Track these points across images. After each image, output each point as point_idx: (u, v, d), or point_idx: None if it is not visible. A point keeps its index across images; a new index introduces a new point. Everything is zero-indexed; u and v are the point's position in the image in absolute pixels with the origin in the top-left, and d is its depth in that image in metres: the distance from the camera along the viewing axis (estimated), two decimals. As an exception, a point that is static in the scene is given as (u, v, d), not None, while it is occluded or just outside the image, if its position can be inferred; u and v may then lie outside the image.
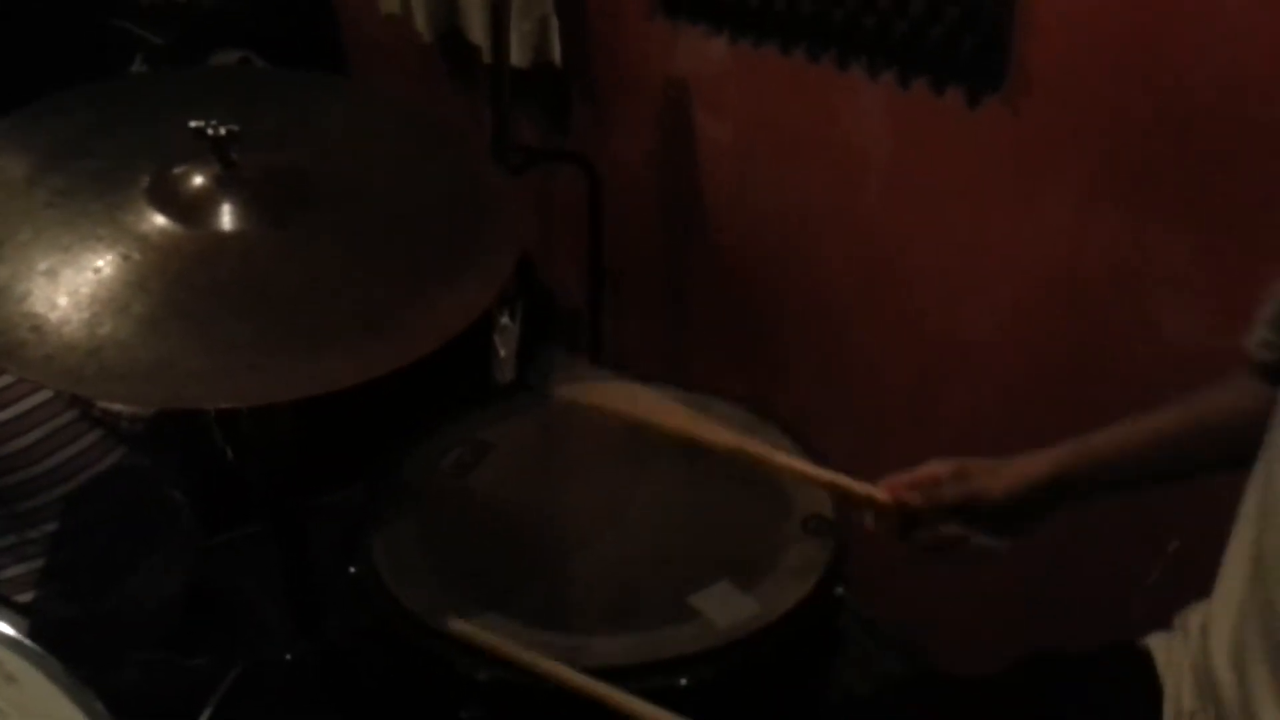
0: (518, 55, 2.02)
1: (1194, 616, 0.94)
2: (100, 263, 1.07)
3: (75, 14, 2.79)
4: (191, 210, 1.13)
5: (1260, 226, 1.20)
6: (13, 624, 1.49)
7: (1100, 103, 1.32)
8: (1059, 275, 1.43)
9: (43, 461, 1.47)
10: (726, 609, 1.08)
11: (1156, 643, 0.97)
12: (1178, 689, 0.90)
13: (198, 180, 1.14)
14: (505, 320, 1.99)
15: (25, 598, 1.52)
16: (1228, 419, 0.96)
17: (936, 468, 1.03)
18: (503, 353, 2.05)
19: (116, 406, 1.49)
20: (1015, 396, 1.54)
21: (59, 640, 1.51)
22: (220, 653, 1.31)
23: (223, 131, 1.12)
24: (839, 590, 1.12)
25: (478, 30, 2.17)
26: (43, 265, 1.06)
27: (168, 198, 1.13)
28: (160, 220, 1.11)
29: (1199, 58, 1.21)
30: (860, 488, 1.07)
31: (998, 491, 1.00)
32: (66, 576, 1.53)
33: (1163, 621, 0.97)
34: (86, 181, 1.15)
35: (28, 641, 0.79)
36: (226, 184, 1.14)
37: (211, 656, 1.31)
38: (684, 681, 1.00)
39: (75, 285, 1.04)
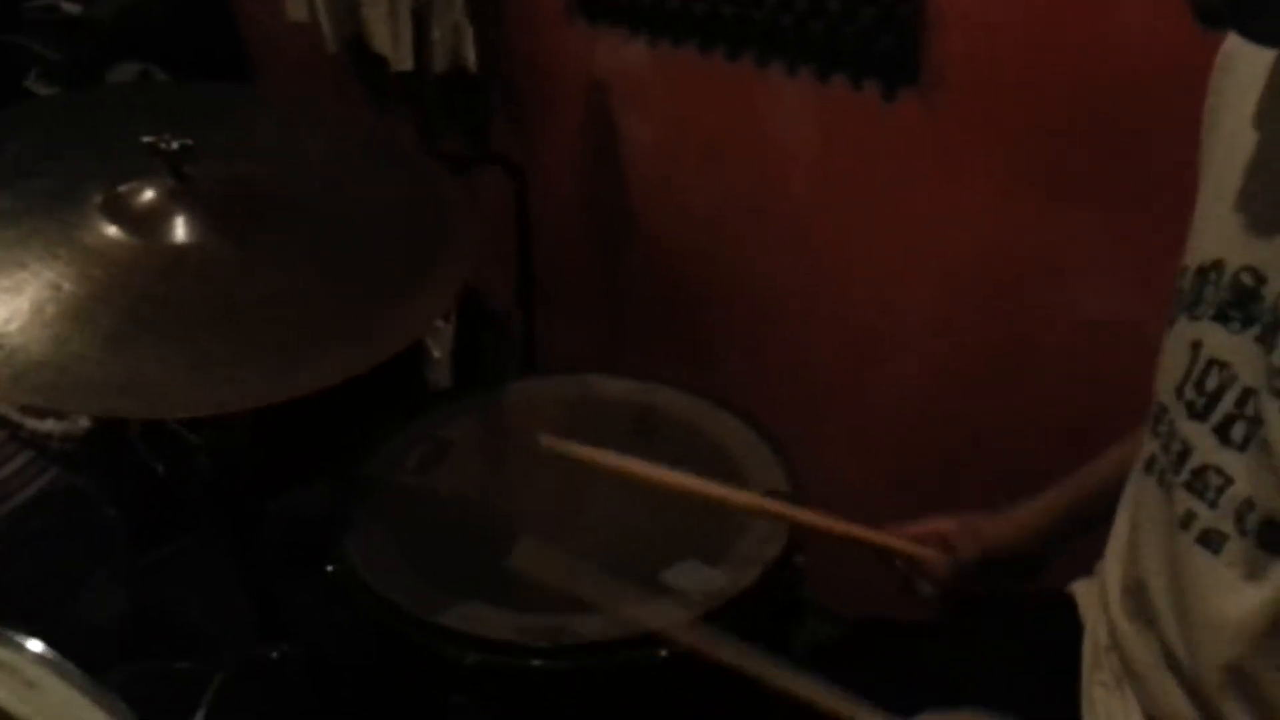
0: (435, 62, 2.04)
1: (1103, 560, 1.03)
2: (61, 279, 1.07)
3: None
4: (147, 224, 1.13)
5: (1168, 205, 1.29)
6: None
7: (1011, 93, 1.41)
8: (981, 260, 1.52)
9: None
10: (696, 582, 1.13)
11: (1080, 587, 1.05)
12: (1095, 628, 0.98)
13: (150, 194, 1.15)
14: (439, 323, 2.01)
15: (-35, 628, 1.49)
16: None
17: (942, 524, 1.10)
18: (436, 354, 2.07)
19: (47, 427, 1.47)
20: (945, 379, 1.63)
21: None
22: (205, 655, 1.31)
23: (175, 146, 1.13)
24: (799, 559, 1.19)
25: (382, 39, 2.18)
26: (3, 284, 1.06)
27: (122, 213, 1.14)
28: (117, 235, 1.12)
29: (1102, 47, 1.31)
30: (865, 534, 1.11)
31: (1010, 540, 1.08)
32: (6, 601, 1.50)
33: (1088, 569, 1.06)
34: (38, 200, 1.15)
35: (44, 648, 0.79)
36: (180, 197, 1.15)
37: (196, 660, 1.31)
38: (664, 653, 1.05)
39: (38, 303, 1.04)
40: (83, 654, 1.54)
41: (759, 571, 1.14)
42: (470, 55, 2.09)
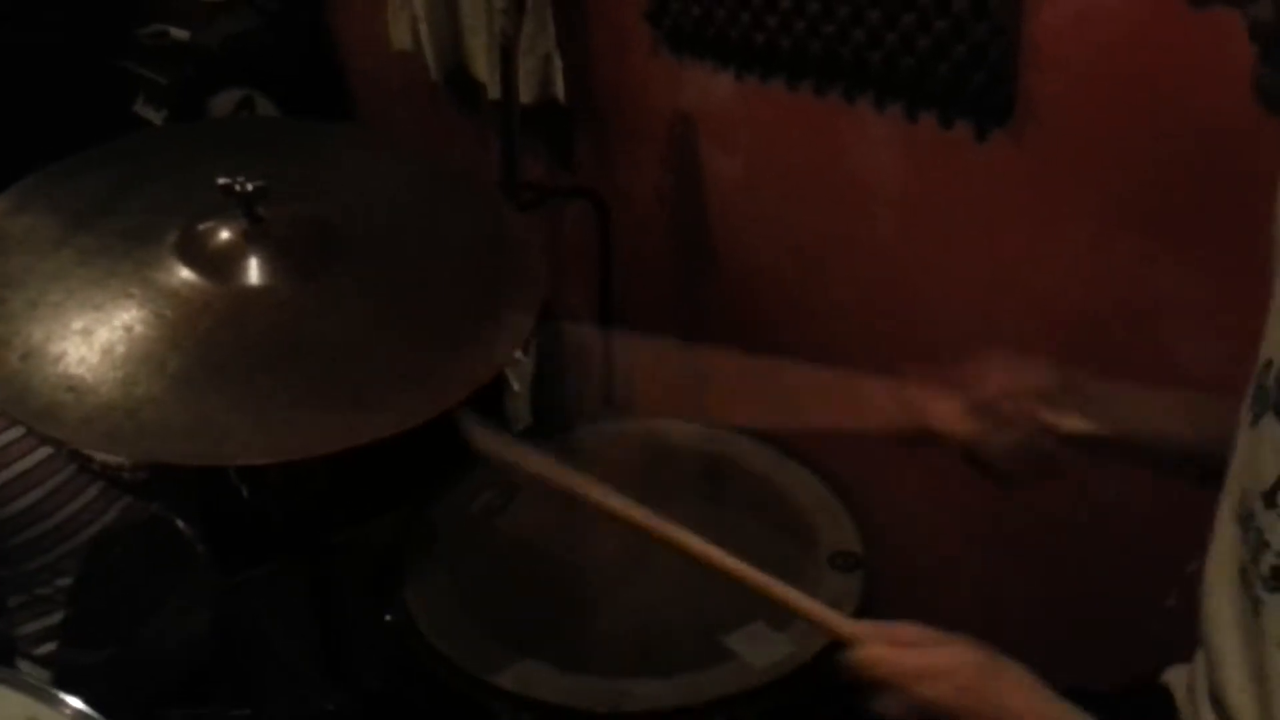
0: (523, 92, 2.04)
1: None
2: (133, 321, 1.08)
3: (78, 54, 2.82)
4: (219, 266, 1.14)
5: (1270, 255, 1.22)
6: (34, 676, 1.51)
7: (1108, 135, 1.35)
8: (1072, 309, 1.45)
9: (46, 520, 1.47)
10: (761, 648, 1.09)
11: (1174, 678, 0.98)
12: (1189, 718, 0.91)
13: (225, 235, 1.16)
14: (519, 355, 2.00)
15: (43, 651, 1.53)
16: None
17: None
18: (516, 387, 2.07)
19: (116, 460, 1.49)
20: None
21: (85, 690, 1.52)
22: (261, 702, 1.31)
23: (249, 187, 1.14)
24: (871, 627, 1.13)
25: (482, 68, 2.19)
26: (77, 325, 1.07)
27: (196, 254, 1.15)
28: (189, 276, 1.13)
29: (1201, 88, 1.24)
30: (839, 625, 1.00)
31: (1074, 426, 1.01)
32: (85, 626, 1.53)
33: (1186, 654, 0.99)
34: (115, 240, 1.17)
35: (86, 708, 0.79)
36: (253, 239, 1.15)
37: (254, 707, 1.32)
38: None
39: (110, 344, 1.06)
40: (157, 677, 1.57)
41: (827, 640, 1.09)
42: (559, 86, 2.08)
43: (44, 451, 1.45)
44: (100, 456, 1.45)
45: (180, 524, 1.64)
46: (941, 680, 0.86)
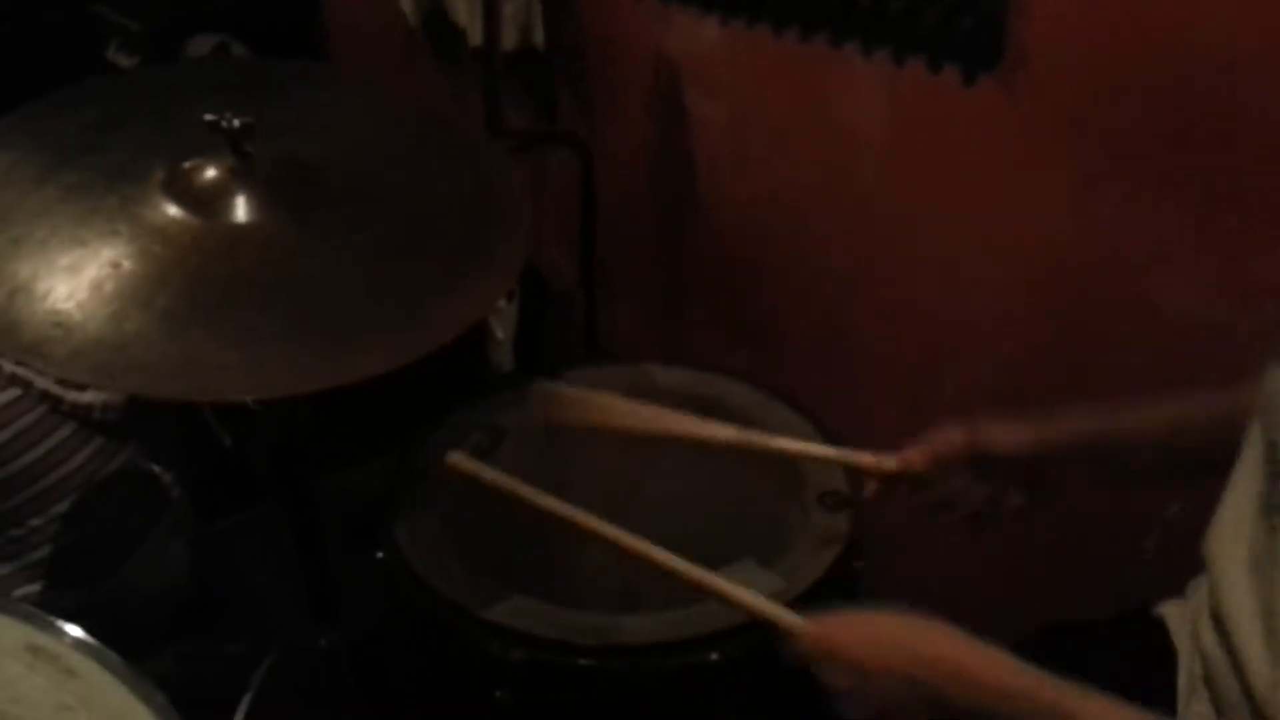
0: (504, 38, 2.02)
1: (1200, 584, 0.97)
2: (121, 257, 1.07)
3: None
4: (207, 203, 1.13)
5: (1257, 202, 1.23)
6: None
7: (1096, 82, 1.35)
8: (1057, 254, 1.45)
9: (16, 460, 1.47)
10: (751, 585, 1.10)
11: (1170, 610, 1.00)
12: (1189, 656, 0.93)
13: (212, 173, 1.15)
14: (501, 303, 2.00)
15: (21, 592, 1.52)
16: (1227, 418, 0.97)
17: (948, 430, 1.06)
18: (499, 334, 2.06)
19: (86, 398, 1.48)
20: (1012, 376, 1.57)
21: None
22: (256, 639, 1.32)
23: (237, 124, 1.13)
24: (858, 564, 1.15)
25: (462, 12, 2.17)
26: (63, 262, 1.07)
27: (182, 191, 1.14)
28: (177, 213, 1.12)
29: (1194, 36, 1.24)
30: (867, 459, 1.11)
31: (1009, 445, 1.04)
32: (62, 567, 1.53)
33: (1178, 589, 1.01)
34: (99, 177, 1.16)
35: (86, 636, 0.80)
36: (241, 176, 1.14)
37: (247, 644, 1.32)
38: (714, 656, 1.02)
39: (98, 280, 1.05)
40: (136, 620, 1.57)
41: (816, 576, 1.11)
42: (539, 33, 2.06)
43: (12, 393, 1.44)
44: (71, 397, 1.44)
45: (155, 468, 1.64)
46: (874, 646, 0.90)
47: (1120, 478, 1.09)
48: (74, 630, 0.79)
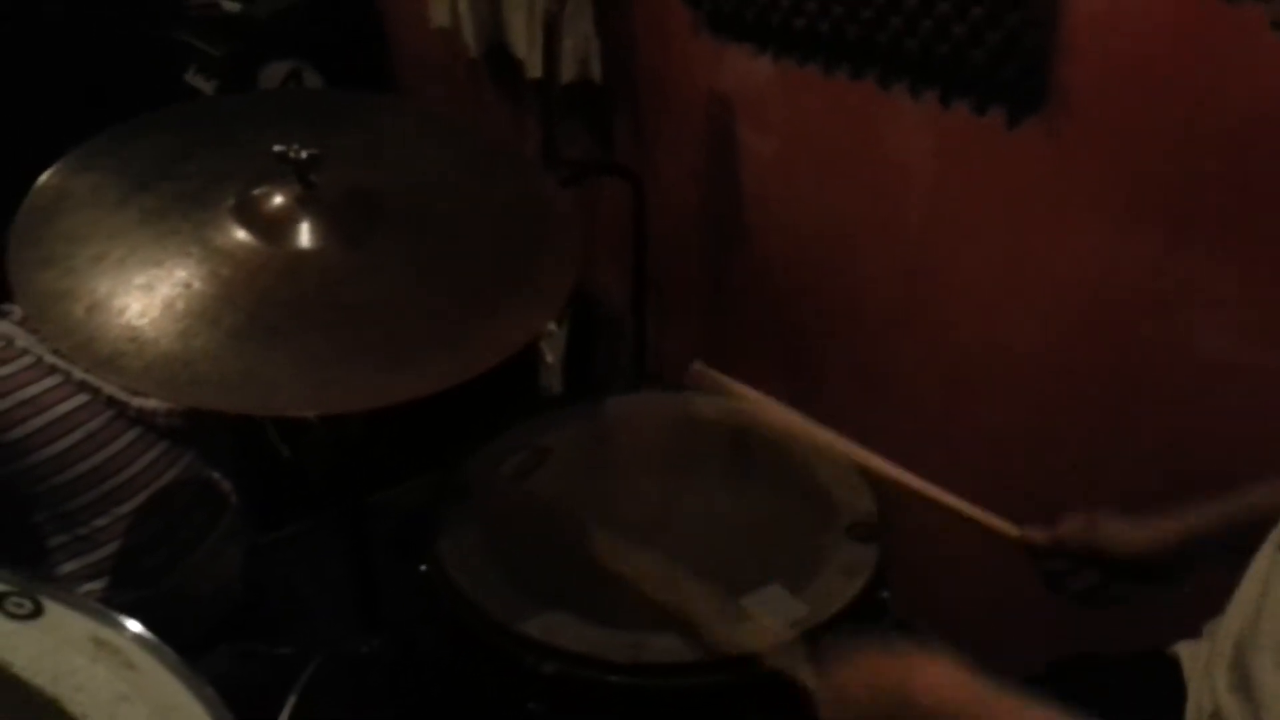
0: (563, 70, 2.08)
1: (1217, 626, 0.99)
2: (192, 278, 1.14)
3: (134, 25, 2.89)
4: (274, 229, 1.20)
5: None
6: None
7: (1139, 125, 1.37)
8: (1095, 293, 1.47)
9: (83, 462, 1.54)
10: (778, 610, 1.14)
11: (1185, 649, 1.02)
12: (1199, 694, 0.95)
13: (279, 200, 1.21)
14: (552, 327, 2.05)
15: (84, 590, 1.59)
16: None
17: (1073, 518, 1.13)
18: (550, 358, 2.12)
19: (151, 404, 1.54)
20: (1048, 411, 1.59)
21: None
22: (304, 643, 1.38)
23: (304, 155, 1.19)
24: (884, 594, 1.18)
25: (522, 45, 2.23)
26: (139, 280, 1.13)
27: (251, 217, 1.20)
28: (245, 238, 1.18)
29: (1234, 82, 1.26)
30: (995, 522, 1.18)
31: (1126, 547, 1.09)
32: (123, 566, 1.60)
33: (1193, 630, 1.03)
34: (174, 201, 1.22)
35: (145, 631, 0.85)
36: (306, 204, 1.21)
37: (295, 647, 1.38)
38: (744, 677, 1.06)
39: (170, 299, 1.11)
40: (191, 618, 1.64)
41: (841, 604, 1.14)
42: (596, 66, 2.12)
43: (82, 397, 1.52)
44: (136, 403, 1.51)
45: (215, 474, 1.71)
46: (873, 691, 0.91)
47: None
48: (135, 626, 0.85)
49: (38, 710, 0.74)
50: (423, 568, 1.19)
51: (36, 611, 0.83)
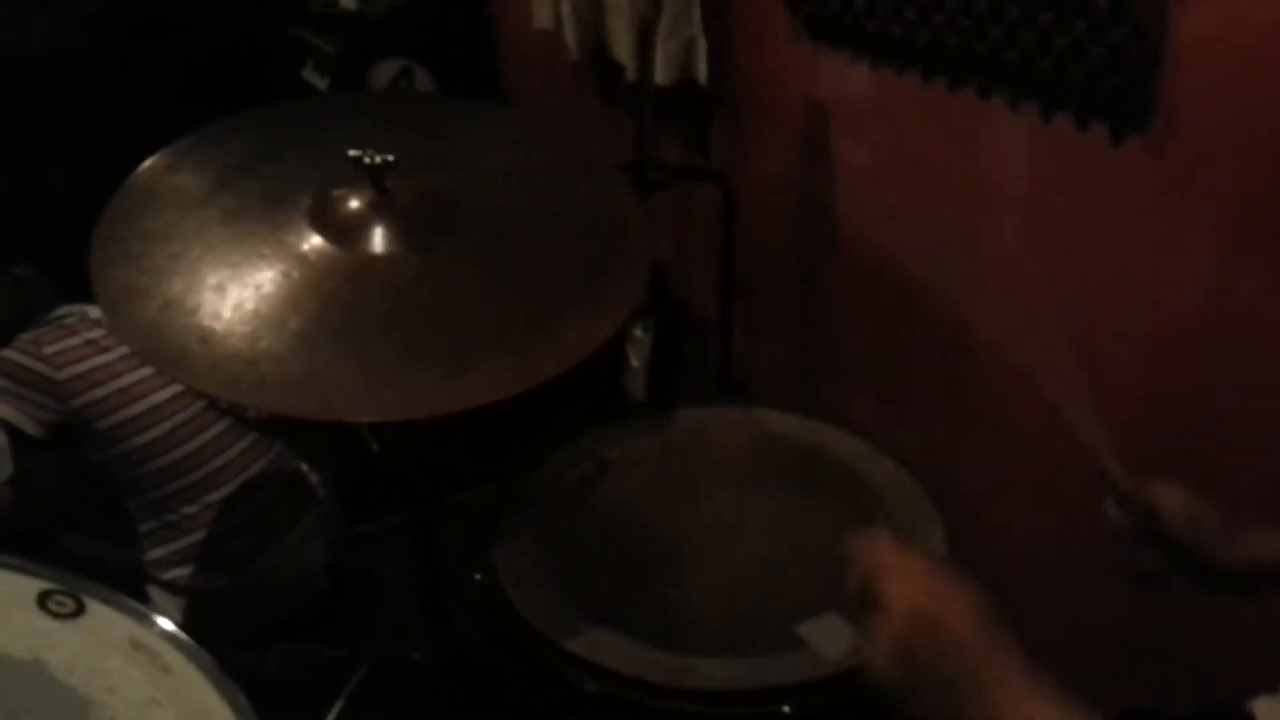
0: (662, 74, 2.06)
1: None
2: (263, 280, 1.16)
3: (256, 20, 2.99)
4: (346, 232, 1.21)
5: None
6: (166, 602, 1.62)
7: (1249, 148, 1.28)
8: (1199, 323, 1.39)
9: (174, 451, 1.59)
10: (833, 640, 1.10)
11: (1262, 706, 0.95)
12: None
13: (353, 204, 1.23)
14: (638, 332, 2.04)
15: (170, 575, 1.65)
16: None
17: (1180, 494, 1.08)
18: (635, 363, 2.10)
19: None
20: (1146, 443, 1.50)
21: (211, 614, 1.63)
22: (356, 646, 1.40)
23: (378, 160, 1.20)
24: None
25: (623, 49, 2.23)
26: (212, 280, 1.16)
27: (325, 220, 1.22)
28: (318, 241, 1.20)
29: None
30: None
31: (1220, 553, 1.05)
32: (210, 553, 1.64)
33: (1270, 685, 0.96)
34: (253, 202, 1.25)
35: (184, 635, 0.87)
36: (379, 209, 1.22)
37: (348, 649, 1.40)
38: (787, 709, 1.03)
39: (240, 300, 1.14)
40: (272, 606, 1.67)
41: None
42: (702, 69, 2.10)
43: (174, 388, 1.57)
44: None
45: (303, 467, 1.75)
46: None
47: None
48: (173, 629, 0.87)
49: (66, 709, 0.76)
50: (477, 576, 1.19)
51: (79, 610, 0.85)
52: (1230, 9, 1.25)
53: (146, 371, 1.57)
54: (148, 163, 1.29)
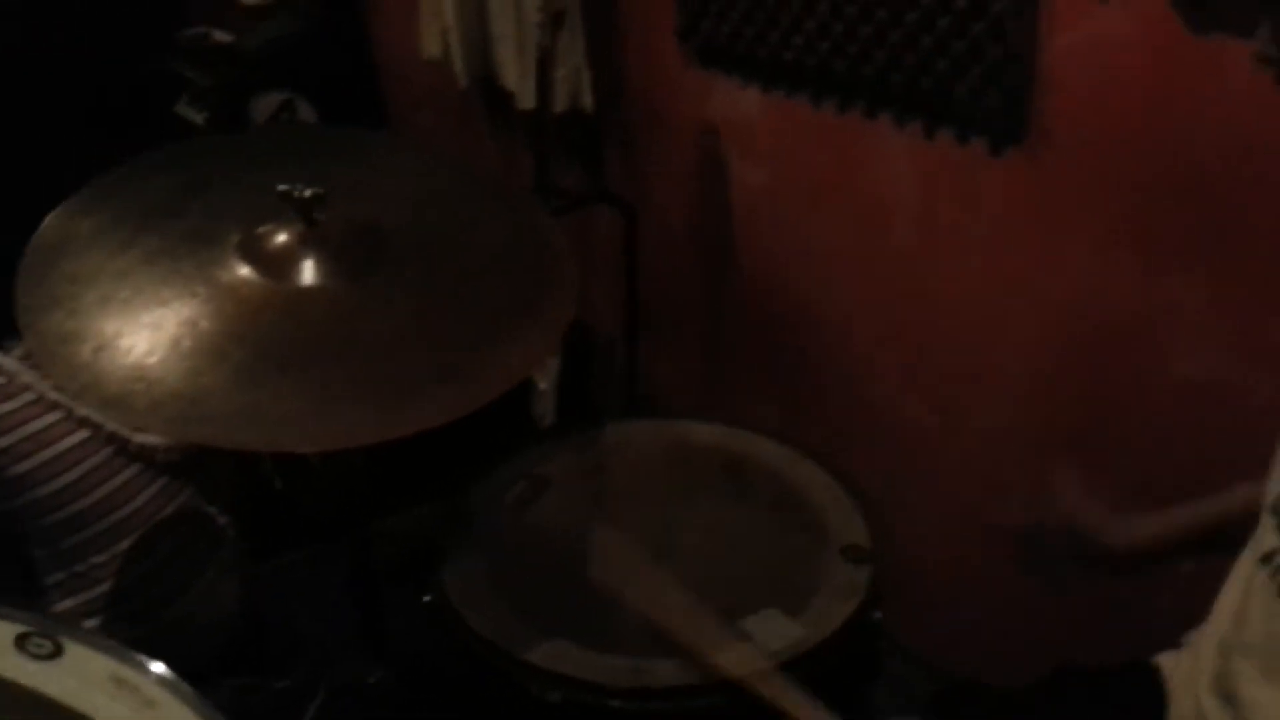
0: (555, 102, 2.11)
1: (1199, 636, 1.03)
2: (198, 316, 1.16)
3: (126, 54, 2.90)
4: (278, 266, 1.22)
5: (1269, 271, 1.29)
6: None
7: (1116, 156, 1.41)
8: (1077, 317, 1.51)
9: (83, 499, 1.54)
10: (775, 633, 1.16)
11: (1166, 659, 1.05)
12: (1181, 704, 0.98)
13: (282, 238, 1.24)
14: (546, 355, 2.07)
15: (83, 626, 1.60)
16: None
17: (1090, 509, 1.15)
18: (542, 386, 2.14)
19: (152, 440, 1.55)
20: (1032, 430, 1.62)
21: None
22: (302, 676, 1.39)
23: (308, 194, 1.22)
24: (877, 615, 1.21)
25: (511, 76, 2.27)
26: (146, 319, 1.15)
27: (256, 255, 1.22)
28: (250, 275, 1.20)
29: (1208, 113, 1.30)
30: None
31: (1123, 543, 1.11)
32: (121, 602, 1.60)
33: (1173, 641, 1.06)
34: (178, 241, 1.24)
35: (165, 669, 0.87)
36: (309, 242, 1.23)
37: (296, 680, 1.40)
38: (741, 698, 1.08)
39: (177, 338, 1.13)
40: (190, 652, 1.65)
41: (836, 625, 1.16)
42: (588, 97, 2.16)
43: (82, 434, 1.53)
44: (137, 439, 1.52)
45: (212, 509, 1.72)
46: None
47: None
48: (155, 665, 0.87)
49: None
50: (426, 598, 1.21)
51: (57, 652, 0.84)
52: (1095, 30, 1.38)
53: (53, 418, 1.53)
54: (58, 210, 1.26)
